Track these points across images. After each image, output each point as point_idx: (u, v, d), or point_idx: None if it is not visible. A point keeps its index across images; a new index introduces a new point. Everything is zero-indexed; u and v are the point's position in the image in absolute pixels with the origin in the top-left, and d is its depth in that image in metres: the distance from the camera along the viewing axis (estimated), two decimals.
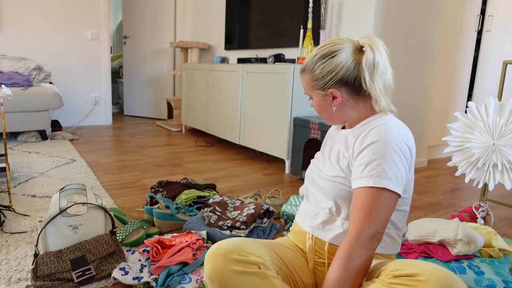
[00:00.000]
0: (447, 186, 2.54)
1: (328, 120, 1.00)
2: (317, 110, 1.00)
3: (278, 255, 0.94)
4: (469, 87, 3.54)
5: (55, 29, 4.03)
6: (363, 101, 0.94)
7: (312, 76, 0.95)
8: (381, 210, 0.80)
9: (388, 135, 0.83)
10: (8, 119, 3.14)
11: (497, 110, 1.58)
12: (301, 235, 1.02)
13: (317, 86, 0.95)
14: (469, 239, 1.23)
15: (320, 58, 0.93)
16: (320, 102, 0.97)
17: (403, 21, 2.64)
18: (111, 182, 2.26)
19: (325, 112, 0.98)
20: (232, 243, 0.85)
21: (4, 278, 1.19)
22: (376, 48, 0.89)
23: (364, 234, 0.79)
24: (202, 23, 4.59)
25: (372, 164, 0.82)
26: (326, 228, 0.95)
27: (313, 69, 0.94)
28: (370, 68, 0.89)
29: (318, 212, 0.98)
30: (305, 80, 0.98)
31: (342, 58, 0.90)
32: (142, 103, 5.17)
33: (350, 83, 0.91)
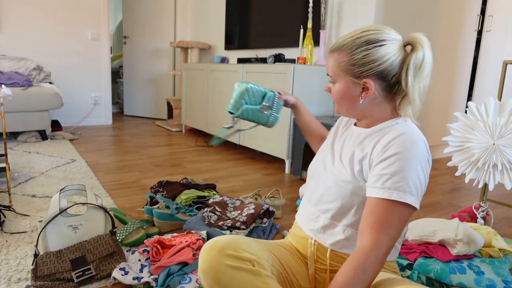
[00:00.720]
0: (447, 186, 2.54)
1: (346, 111, 0.91)
2: (337, 97, 0.90)
3: (276, 256, 0.92)
4: (469, 87, 3.54)
5: (55, 29, 4.03)
6: (390, 101, 0.88)
7: (349, 59, 0.85)
8: (398, 224, 0.77)
9: (414, 148, 0.78)
10: (8, 119, 3.13)
11: (497, 110, 1.58)
12: (302, 240, 0.98)
13: (352, 72, 0.85)
14: (469, 239, 1.23)
15: (366, 43, 0.83)
16: (347, 89, 0.87)
17: (403, 21, 2.64)
18: (111, 182, 2.26)
19: (347, 102, 0.89)
20: (229, 239, 0.84)
21: (4, 278, 1.19)
22: (427, 48, 0.83)
23: (381, 247, 0.76)
24: (202, 23, 4.59)
25: (397, 177, 0.77)
26: (327, 233, 0.91)
27: (354, 52, 0.84)
28: (417, 68, 0.82)
29: (318, 215, 0.93)
30: (338, 62, 0.87)
31: (390, 50, 0.83)
32: (142, 103, 5.17)
33: (388, 79, 0.84)
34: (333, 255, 0.91)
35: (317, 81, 2.66)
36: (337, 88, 0.89)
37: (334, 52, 0.88)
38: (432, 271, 1.19)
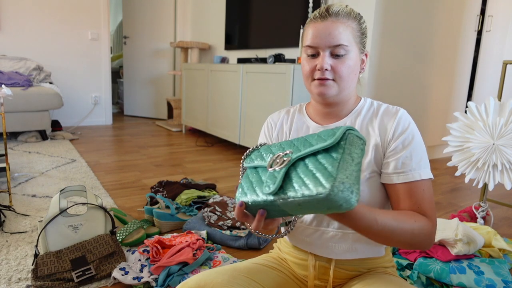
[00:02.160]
0: (447, 186, 2.54)
1: (345, 89, 0.81)
2: (348, 72, 0.79)
3: (256, 281, 0.84)
4: (469, 87, 3.54)
5: (55, 29, 4.03)
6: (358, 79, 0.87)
7: (360, 28, 0.80)
8: (433, 199, 0.79)
9: (411, 122, 0.82)
10: (8, 119, 3.14)
11: (497, 110, 1.58)
12: (300, 261, 0.90)
13: (360, 42, 0.81)
14: (469, 239, 1.23)
15: (359, 14, 0.83)
16: (357, 61, 0.81)
17: (403, 21, 2.64)
18: (111, 182, 2.26)
19: (353, 76, 0.81)
20: (197, 279, 0.78)
21: (4, 278, 1.19)
22: None
23: (435, 224, 0.78)
24: (202, 23, 4.59)
25: (415, 156, 0.78)
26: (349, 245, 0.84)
27: (361, 21, 0.81)
28: None
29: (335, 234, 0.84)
30: (351, 29, 0.78)
31: None
32: (142, 103, 5.17)
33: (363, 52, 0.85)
34: (336, 272, 0.86)
35: None
36: (349, 61, 0.78)
37: (343, 19, 0.78)
38: (432, 271, 1.19)
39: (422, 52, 2.82)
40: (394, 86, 2.73)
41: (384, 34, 2.56)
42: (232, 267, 0.86)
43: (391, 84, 2.70)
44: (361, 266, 0.85)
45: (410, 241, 0.73)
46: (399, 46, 2.67)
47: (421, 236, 0.73)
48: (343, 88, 0.80)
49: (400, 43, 2.67)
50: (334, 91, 0.80)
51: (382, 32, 2.55)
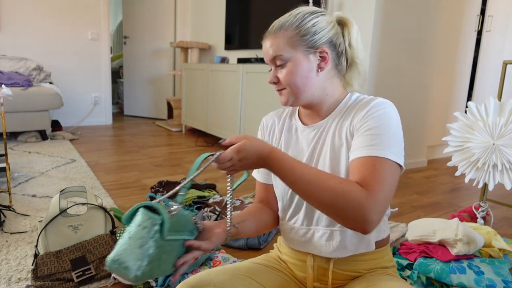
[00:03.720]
0: (447, 186, 2.54)
1: (302, 93, 0.82)
2: (290, 78, 0.80)
3: (257, 280, 0.84)
4: (469, 87, 3.54)
5: (55, 29, 4.03)
6: (338, 76, 0.85)
7: (299, 31, 0.80)
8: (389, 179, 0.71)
9: (389, 109, 0.78)
10: (8, 119, 3.13)
11: (497, 110, 1.58)
12: (299, 262, 0.90)
13: (306, 43, 0.80)
14: (469, 239, 1.23)
15: (310, 13, 0.82)
16: (302, 65, 0.80)
17: (403, 21, 2.64)
18: (111, 182, 2.26)
19: (304, 80, 0.81)
20: (196, 279, 0.77)
21: (4, 278, 1.19)
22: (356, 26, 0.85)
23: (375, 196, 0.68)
24: (202, 23, 4.59)
25: (383, 136, 0.74)
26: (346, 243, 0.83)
27: (301, 24, 0.80)
28: (358, 37, 0.83)
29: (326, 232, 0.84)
30: (285, 38, 0.81)
31: (332, 19, 0.83)
32: (142, 103, 5.17)
33: (336, 47, 0.82)
34: (334, 273, 0.86)
35: None
36: (289, 69, 0.80)
37: (275, 33, 0.82)
38: (432, 271, 1.19)
39: (422, 52, 2.82)
40: (394, 86, 2.73)
41: (384, 34, 2.56)
42: (233, 266, 0.86)
43: (391, 84, 2.70)
44: (360, 267, 0.85)
45: (330, 201, 0.68)
46: (399, 46, 2.67)
47: (344, 199, 0.67)
48: (299, 93, 0.82)
49: (400, 43, 2.67)
50: (290, 98, 0.83)
51: (382, 32, 2.55)
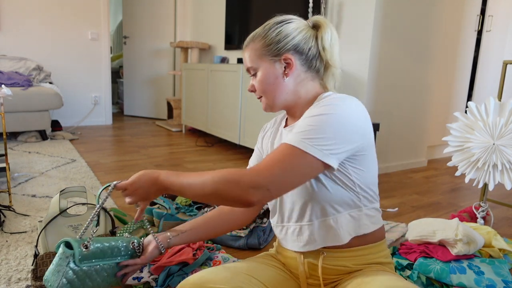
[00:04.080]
0: (447, 186, 2.54)
1: (274, 99, 0.88)
2: (262, 86, 0.88)
3: (257, 278, 0.85)
4: (469, 87, 3.54)
5: (55, 29, 4.03)
6: (312, 79, 0.89)
7: (264, 42, 0.87)
8: (291, 169, 0.72)
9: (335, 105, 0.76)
10: (8, 119, 3.13)
11: (497, 110, 1.58)
12: (291, 260, 0.93)
13: (270, 52, 0.86)
14: (469, 239, 1.23)
15: (275, 24, 0.87)
16: (270, 72, 0.87)
17: (403, 21, 2.64)
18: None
19: (273, 87, 0.87)
20: (196, 279, 0.78)
21: (4, 278, 1.19)
22: (333, 28, 0.88)
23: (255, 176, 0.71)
24: (202, 23, 4.59)
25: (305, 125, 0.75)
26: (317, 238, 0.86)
27: (267, 34, 0.87)
28: (332, 40, 0.86)
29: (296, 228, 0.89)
30: (253, 50, 0.89)
31: (300, 25, 0.87)
32: (142, 103, 5.17)
33: (304, 52, 0.86)
34: (324, 269, 0.87)
35: None
36: (259, 77, 0.88)
37: (247, 45, 0.91)
38: (432, 271, 1.19)
39: (422, 52, 2.82)
40: (394, 86, 2.73)
41: (384, 34, 2.56)
42: (233, 265, 0.87)
43: (391, 84, 2.70)
44: (350, 262, 0.85)
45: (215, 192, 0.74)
46: (399, 46, 2.67)
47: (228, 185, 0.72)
48: (271, 99, 0.89)
49: (400, 43, 2.67)
50: (266, 105, 0.91)
51: (382, 32, 2.55)
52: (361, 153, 0.80)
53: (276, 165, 0.72)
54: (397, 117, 2.81)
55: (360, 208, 0.84)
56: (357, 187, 0.83)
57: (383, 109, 2.71)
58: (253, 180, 0.71)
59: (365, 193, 0.84)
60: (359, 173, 0.82)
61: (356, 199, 0.83)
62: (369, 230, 0.85)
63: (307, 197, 0.84)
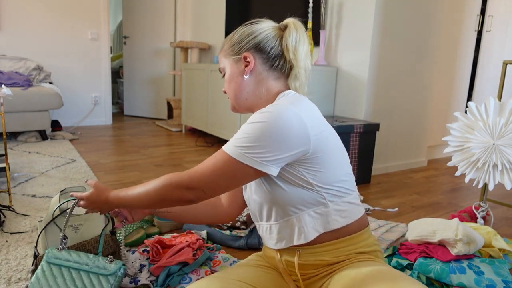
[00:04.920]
0: (447, 186, 2.54)
1: (235, 97, 0.92)
2: (227, 84, 0.93)
3: (247, 282, 0.86)
4: (469, 87, 3.54)
5: (55, 29, 4.03)
6: (275, 78, 0.90)
7: (230, 42, 0.92)
8: (219, 172, 0.78)
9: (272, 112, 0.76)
10: (8, 119, 3.14)
11: (497, 110, 1.58)
12: (272, 259, 0.95)
13: (233, 52, 0.91)
14: (469, 239, 1.23)
15: (243, 26, 0.92)
16: (232, 71, 0.91)
17: (403, 21, 2.64)
18: (111, 182, 2.26)
19: (235, 85, 0.91)
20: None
21: (4, 278, 1.19)
22: (300, 28, 0.89)
23: (190, 179, 0.79)
24: (202, 23, 4.59)
25: (241, 134, 0.78)
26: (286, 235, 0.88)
27: (233, 36, 0.92)
28: (296, 41, 0.88)
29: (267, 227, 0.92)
30: (223, 52, 0.94)
31: (264, 26, 0.90)
32: (142, 103, 5.17)
33: (266, 51, 0.88)
34: (301, 265, 0.88)
35: (317, 81, 2.66)
36: (225, 77, 0.93)
37: (221, 48, 0.96)
38: (432, 271, 1.19)
39: (422, 52, 2.82)
40: (394, 86, 2.73)
41: (384, 34, 2.56)
42: (223, 273, 0.87)
43: (391, 84, 2.70)
44: (326, 256, 0.85)
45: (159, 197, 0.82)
46: (399, 46, 2.67)
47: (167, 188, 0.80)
48: (234, 98, 0.93)
49: (400, 43, 2.67)
50: (231, 104, 0.95)
51: (382, 32, 2.55)
52: (312, 155, 0.79)
53: (210, 171, 0.78)
54: (397, 117, 2.81)
55: (326, 204, 0.83)
56: (316, 186, 0.82)
57: (383, 109, 2.71)
58: (189, 183, 0.79)
59: (329, 191, 0.83)
60: (316, 174, 0.81)
61: (318, 197, 0.82)
62: (340, 225, 0.84)
63: (267, 199, 0.86)
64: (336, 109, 2.83)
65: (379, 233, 1.61)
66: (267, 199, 0.87)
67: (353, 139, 2.36)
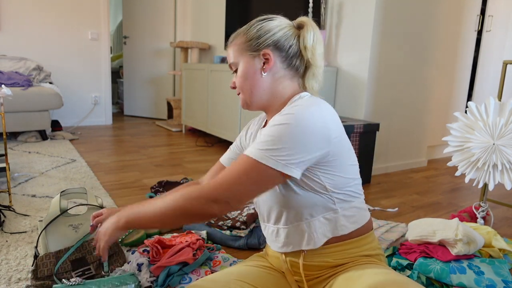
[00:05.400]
0: (447, 186, 2.54)
1: (251, 94, 0.88)
2: (240, 81, 0.88)
3: (248, 282, 0.86)
4: (469, 87, 3.54)
5: (55, 29, 4.03)
6: (291, 78, 0.88)
7: (246, 37, 0.88)
8: (249, 182, 0.74)
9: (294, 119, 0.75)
10: (8, 119, 3.13)
11: (497, 110, 1.58)
12: (275, 259, 0.95)
13: (250, 47, 0.87)
14: (469, 239, 1.23)
15: (257, 20, 0.89)
16: (248, 67, 0.87)
17: (403, 21, 2.64)
18: (111, 182, 2.26)
19: (251, 82, 0.87)
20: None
21: (4, 278, 1.19)
22: (316, 29, 0.87)
23: (213, 191, 0.73)
24: (202, 23, 4.59)
25: (263, 137, 0.76)
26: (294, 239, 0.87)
27: (249, 30, 0.88)
28: (314, 40, 0.86)
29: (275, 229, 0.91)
30: (236, 46, 0.89)
31: (282, 23, 0.88)
32: (142, 103, 5.17)
33: (284, 49, 0.86)
34: (306, 266, 0.87)
35: None
36: (239, 73, 0.89)
37: (231, 42, 0.91)
38: (432, 271, 1.19)
39: (422, 52, 2.82)
40: (394, 86, 2.73)
41: (384, 34, 2.56)
42: (224, 272, 0.87)
43: (391, 84, 2.70)
44: (331, 258, 0.85)
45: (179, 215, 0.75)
46: (399, 46, 2.67)
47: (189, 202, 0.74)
48: (248, 95, 0.89)
49: (400, 43, 2.67)
50: (243, 101, 0.91)
51: (382, 32, 2.55)
52: (330, 158, 0.79)
53: (234, 178, 0.74)
54: (397, 117, 2.81)
55: (335, 210, 0.83)
56: (330, 191, 0.81)
57: (383, 109, 2.71)
58: (212, 195, 0.73)
59: (340, 195, 0.83)
60: (331, 177, 0.81)
61: (330, 202, 0.82)
62: (348, 231, 0.85)
63: (279, 203, 0.85)
64: (336, 109, 2.83)
65: (379, 233, 1.61)
66: (278, 202, 0.85)
67: (353, 139, 2.36)
